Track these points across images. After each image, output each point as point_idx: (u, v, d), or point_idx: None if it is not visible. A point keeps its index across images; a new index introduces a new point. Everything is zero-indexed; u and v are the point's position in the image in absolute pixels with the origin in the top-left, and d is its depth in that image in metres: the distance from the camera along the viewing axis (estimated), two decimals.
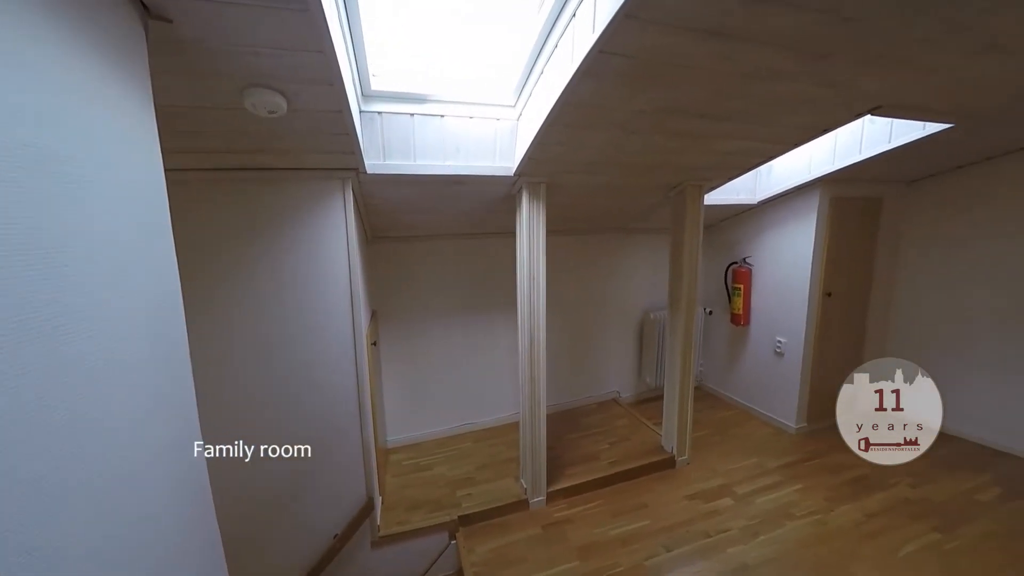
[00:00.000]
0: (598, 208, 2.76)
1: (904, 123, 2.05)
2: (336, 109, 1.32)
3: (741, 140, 1.88)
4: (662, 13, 1.01)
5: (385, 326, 2.83)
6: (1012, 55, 1.32)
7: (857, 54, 1.25)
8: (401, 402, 2.95)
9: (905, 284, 3.03)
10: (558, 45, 1.40)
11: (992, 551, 1.84)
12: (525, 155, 1.81)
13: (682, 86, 1.37)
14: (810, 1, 0.98)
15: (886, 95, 1.56)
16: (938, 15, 1.08)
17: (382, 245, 2.73)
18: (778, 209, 2.95)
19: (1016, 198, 2.47)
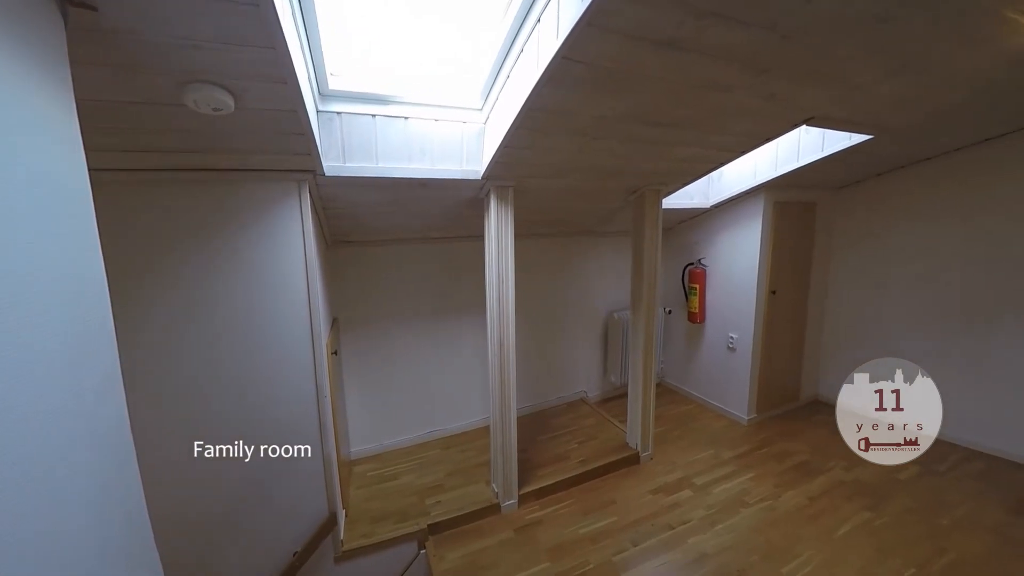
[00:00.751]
0: (564, 211, 2.81)
1: (834, 134, 2.26)
2: (290, 108, 1.25)
3: (694, 147, 1.99)
4: (621, 22, 1.06)
5: (347, 334, 2.72)
6: (920, 75, 1.50)
7: (793, 69, 1.37)
8: (365, 412, 2.85)
9: (836, 280, 3.34)
10: (524, 50, 1.42)
11: (913, 524, 2.07)
12: (492, 159, 1.80)
13: (640, 94, 1.43)
14: (753, 18, 1.07)
15: (817, 108, 1.72)
16: (859, 37, 1.20)
17: (344, 250, 2.63)
18: (729, 213, 3.14)
19: (924, 203, 2.80)
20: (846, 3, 1.04)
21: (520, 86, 1.44)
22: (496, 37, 1.53)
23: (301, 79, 1.20)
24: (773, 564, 1.86)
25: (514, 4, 1.39)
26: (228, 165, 1.55)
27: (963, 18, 1.17)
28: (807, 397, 3.50)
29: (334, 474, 1.93)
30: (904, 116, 1.93)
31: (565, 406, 3.49)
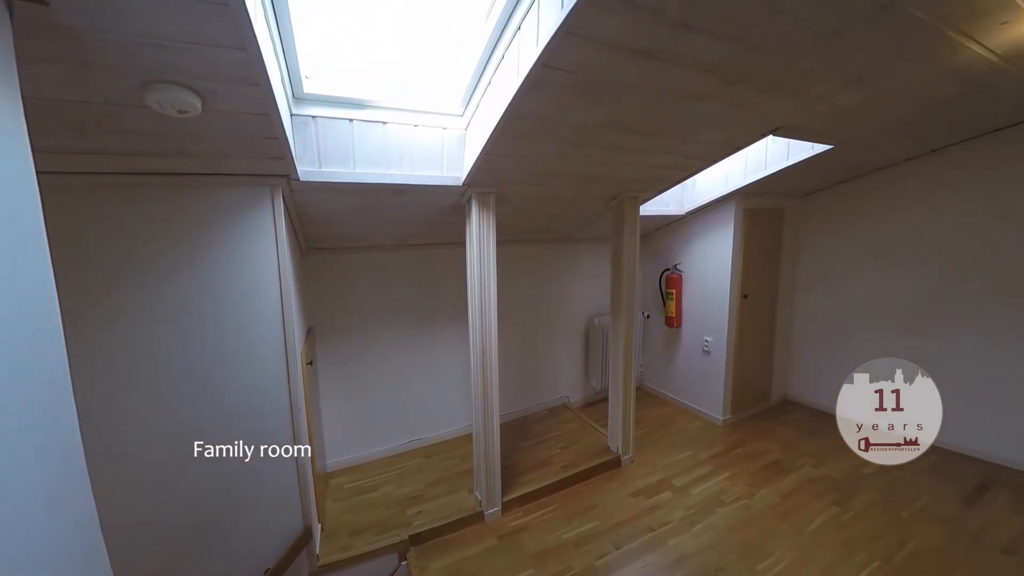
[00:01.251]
0: (545, 218, 2.83)
1: (799, 144, 2.39)
2: (262, 111, 1.21)
3: (669, 155, 2.06)
4: (599, 31, 1.08)
5: (324, 343, 2.64)
6: (874, 88, 1.61)
7: (760, 80, 1.44)
8: (342, 423, 2.76)
9: (802, 284, 3.50)
10: (504, 57, 1.43)
11: (877, 516, 2.17)
12: (474, 165, 1.80)
13: (619, 102, 1.47)
14: (723, 31, 1.12)
15: (783, 118, 1.82)
16: (819, 50, 1.28)
17: (320, 257, 2.56)
18: (702, 220, 3.25)
19: (879, 210, 2.97)
20: (807, 18, 1.10)
21: (501, 93, 1.45)
22: (477, 44, 1.55)
23: (274, 81, 1.17)
24: (749, 562, 1.91)
25: (495, 11, 1.40)
26: (196, 169, 1.49)
27: (909, 35, 1.26)
28: (777, 397, 3.64)
29: (309, 487, 1.86)
30: (860, 127, 2.06)
31: (548, 411, 3.50)
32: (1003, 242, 2.47)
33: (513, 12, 1.33)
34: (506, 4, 1.33)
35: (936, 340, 2.76)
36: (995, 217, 2.50)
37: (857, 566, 1.85)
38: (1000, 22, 1.24)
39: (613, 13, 1.02)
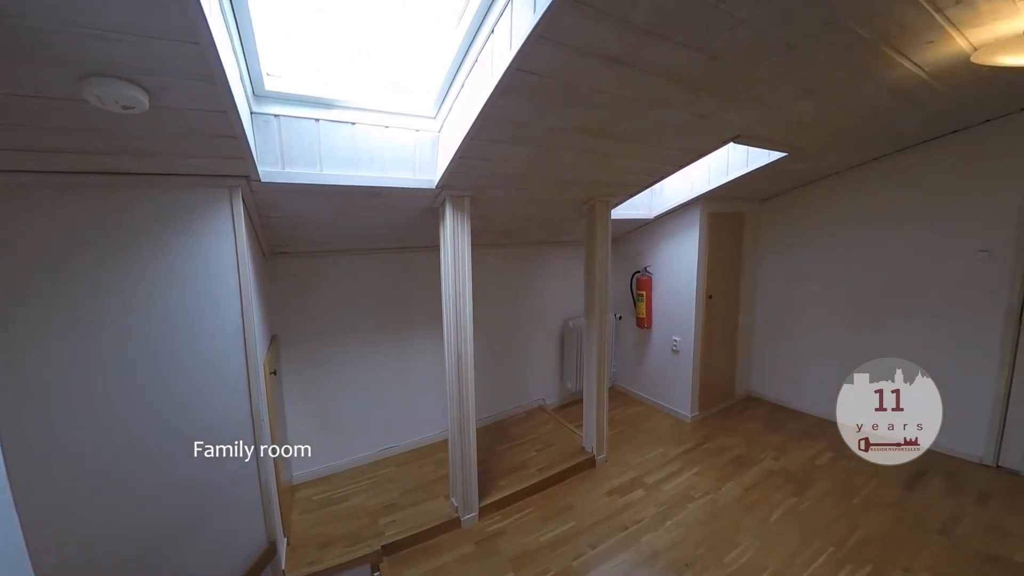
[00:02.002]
0: (521, 221, 2.84)
1: (757, 151, 2.52)
2: (219, 109, 1.15)
3: (637, 160, 2.12)
4: (571, 37, 1.10)
5: (289, 352, 2.53)
6: (822, 99, 1.73)
7: (721, 89, 1.51)
8: (309, 434, 2.65)
9: (762, 284, 3.70)
10: (478, 60, 1.43)
11: (830, 505, 2.32)
12: (448, 168, 1.78)
13: (591, 108, 1.49)
14: (686, 39, 1.17)
15: (742, 126, 1.92)
16: (773, 61, 1.36)
17: (284, 262, 2.45)
18: (670, 223, 3.37)
19: (828, 214, 3.19)
20: (762, 30, 1.17)
21: (475, 96, 1.45)
22: (449, 46, 1.53)
23: (232, 78, 1.10)
24: (717, 555, 1.99)
25: (468, 14, 1.40)
26: (147, 169, 1.39)
27: (851, 50, 1.36)
28: (741, 393, 3.82)
29: (273, 501, 1.78)
30: (810, 136, 2.20)
31: (524, 414, 3.50)
32: (926, 247, 2.72)
33: (486, 15, 1.33)
34: (479, 7, 1.33)
35: (876, 336, 2.99)
36: (921, 223, 2.74)
37: (814, 553, 1.97)
38: (926, 41, 1.35)
39: (584, 18, 1.04)
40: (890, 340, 2.93)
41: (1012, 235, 2.42)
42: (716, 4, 1.03)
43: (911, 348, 2.84)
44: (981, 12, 1.21)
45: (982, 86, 1.85)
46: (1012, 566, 1.83)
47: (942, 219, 2.67)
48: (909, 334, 2.84)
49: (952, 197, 2.62)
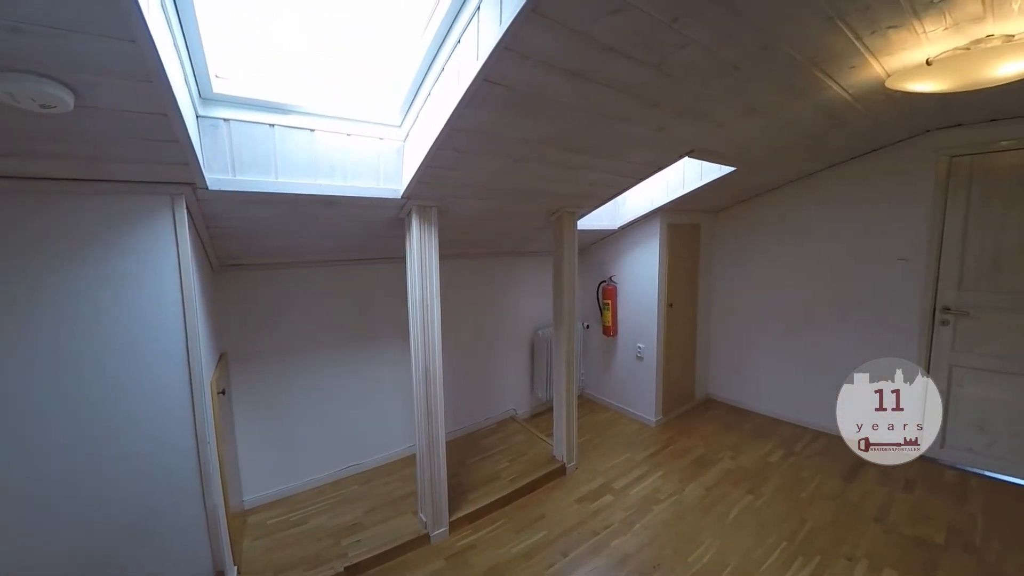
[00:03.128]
0: (489, 232, 2.85)
1: (710, 166, 2.68)
2: (158, 111, 1.07)
3: (602, 172, 2.19)
4: (535, 49, 1.14)
5: (241, 370, 2.38)
6: (765, 117, 1.88)
7: (676, 105, 1.60)
8: (263, 455, 2.49)
9: (716, 292, 3.91)
10: (444, 69, 1.43)
11: (782, 501, 2.45)
12: (414, 178, 1.76)
13: (557, 120, 1.54)
14: (643, 56, 1.23)
15: (695, 141, 2.04)
16: (721, 80, 1.46)
17: (237, 275, 2.31)
18: (633, 234, 3.50)
19: (771, 225, 3.44)
20: (710, 51, 1.26)
21: (442, 105, 1.45)
22: (415, 54, 1.52)
23: (173, 78, 1.03)
24: (682, 556, 2.05)
25: (433, 22, 1.40)
26: (72, 174, 1.27)
27: (787, 72, 1.49)
28: (700, 396, 4.00)
29: (221, 528, 1.64)
30: (755, 152, 2.38)
31: (495, 425, 3.47)
32: (855, 256, 2.99)
33: (453, 24, 1.34)
34: (445, 16, 1.34)
35: (816, 340, 3.24)
36: (849, 234, 3.02)
37: (769, 548, 2.07)
38: (849, 66, 1.51)
39: (548, 32, 1.07)
40: (828, 343, 3.19)
41: (924, 244, 2.72)
42: (669, 24, 1.10)
43: (845, 350, 3.10)
44: (892, 42, 1.36)
45: (895, 109, 2.08)
46: (934, 547, 2.02)
47: (867, 230, 2.96)
48: (843, 337, 3.11)
49: (874, 210, 2.91)
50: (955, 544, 2.03)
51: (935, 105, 2.12)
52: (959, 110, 2.30)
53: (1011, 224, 2.45)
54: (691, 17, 1.09)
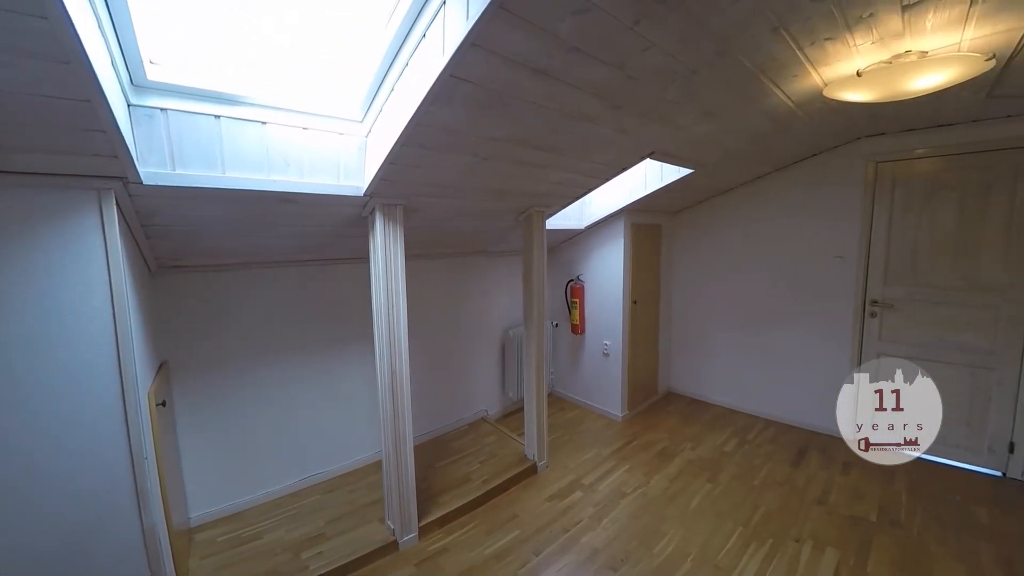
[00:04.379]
0: (458, 231, 2.81)
1: (670, 167, 2.79)
2: (80, 97, 0.97)
3: (568, 172, 2.22)
4: (502, 47, 1.13)
5: (185, 379, 2.20)
6: (719, 121, 1.97)
7: (637, 108, 1.65)
8: (212, 468, 2.32)
9: (676, 289, 4.08)
10: (409, 64, 1.39)
11: (737, 488, 2.59)
12: (377, 175, 1.70)
13: (524, 118, 1.53)
14: (607, 58, 1.26)
15: (656, 143, 2.11)
16: (680, 84, 1.52)
17: (179, 277, 2.14)
18: (599, 234, 3.58)
19: (724, 226, 3.63)
20: (671, 55, 1.30)
21: (406, 101, 1.41)
22: (378, 47, 1.47)
23: (97, 62, 0.94)
24: (648, 547, 2.11)
25: (397, 15, 1.36)
26: None
27: (738, 79, 1.58)
28: (663, 390, 4.16)
29: (162, 548, 1.51)
30: (710, 155, 2.50)
31: (466, 427, 3.43)
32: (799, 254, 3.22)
33: (418, 18, 1.30)
34: (409, 9, 1.30)
35: (767, 333, 3.46)
36: (793, 233, 3.25)
37: (727, 534, 2.18)
38: (792, 75, 1.61)
39: (515, 29, 1.07)
40: (778, 337, 3.41)
41: (856, 242, 2.98)
42: (631, 26, 1.13)
43: (791, 343, 3.34)
44: (828, 53, 1.47)
45: (832, 116, 2.26)
46: (868, 524, 2.21)
47: (810, 230, 3.19)
48: (791, 330, 3.34)
49: (816, 211, 3.14)
50: (885, 520, 2.23)
51: (864, 114, 2.32)
52: (884, 119, 2.53)
53: (924, 225, 2.74)
54: (652, 20, 1.12)
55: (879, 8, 1.20)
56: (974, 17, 1.26)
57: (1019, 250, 2.45)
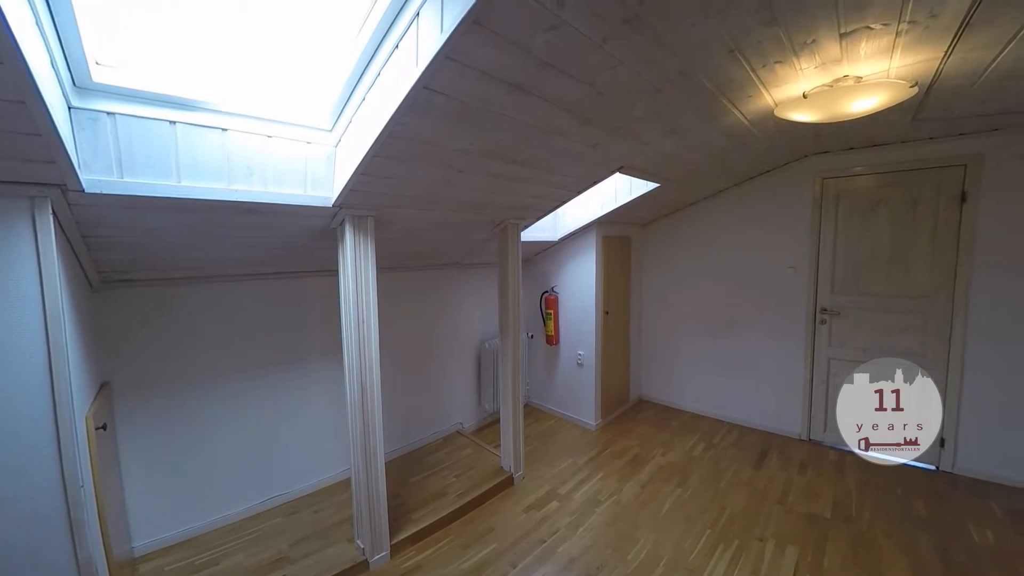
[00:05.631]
0: (431, 243, 2.78)
1: (638, 181, 2.90)
2: (14, 98, 0.90)
3: (542, 185, 2.26)
4: (476, 60, 1.15)
5: (131, 400, 2.05)
6: (682, 138, 2.07)
7: (607, 123, 1.71)
8: (163, 493, 2.16)
9: (646, 300, 4.22)
10: (381, 74, 1.39)
11: (704, 491, 2.67)
12: (347, 186, 1.66)
13: (498, 131, 1.56)
14: (578, 74, 1.31)
15: (625, 158, 2.19)
16: (646, 102, 1.60)
17: (126, 292, 2.00)
18: (572, 245, 3.65)
19: (689, 237, 3.81)
20: (637, 73, 1.37)
21: (378, 111, 1.39)
22: (349, 56, 1.45)
23: (33, 60, 0.88)
24: (622, 554, 2.13)
25: (369, 25, 1.36)
26: None
27: (700, 98, 1.67)
28: (634, 398, 4.25)
29: None
30: (675, 170, 2.63)
31: (441, 440, 3.36)
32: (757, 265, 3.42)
33: (390, 29, 1.31)
34: (381, 20, 1.30)
35: (730, 341, 3.63)
36: (751, 246, 3.45)
37: (696, 537, 2.24)
38: (747, 95, 1.73)
39: (489, 43, 1.09)
40: (740, 344, 3.58)
41: (806, 253, 3.19)
42: (600, 44, 1.18)
43: (751, 350, 3.52)
44: (778, 76, 1.59)
45: (783, 135, 2.43)
46: (824, 521, 2.33)
47: (766, 241, 3.40)
48: (751, 337, 3.52)
49: (771, 224, 3.36)
50: (839, 517, 2.36)
51: (810, 133, 2.52)
52: (827, 138, 2.75)
53: (864, 237, 2.99)
54: (619, 40, 1.18)
55: (821, 35, 1.31)
56: (899, 47, 1.41)
57: (942, 261, 2.72)
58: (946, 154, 2.65)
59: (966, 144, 2.59)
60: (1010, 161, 2.48)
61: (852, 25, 1.26)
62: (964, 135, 2.58)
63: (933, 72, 1.61)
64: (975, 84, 1.75)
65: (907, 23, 1.26)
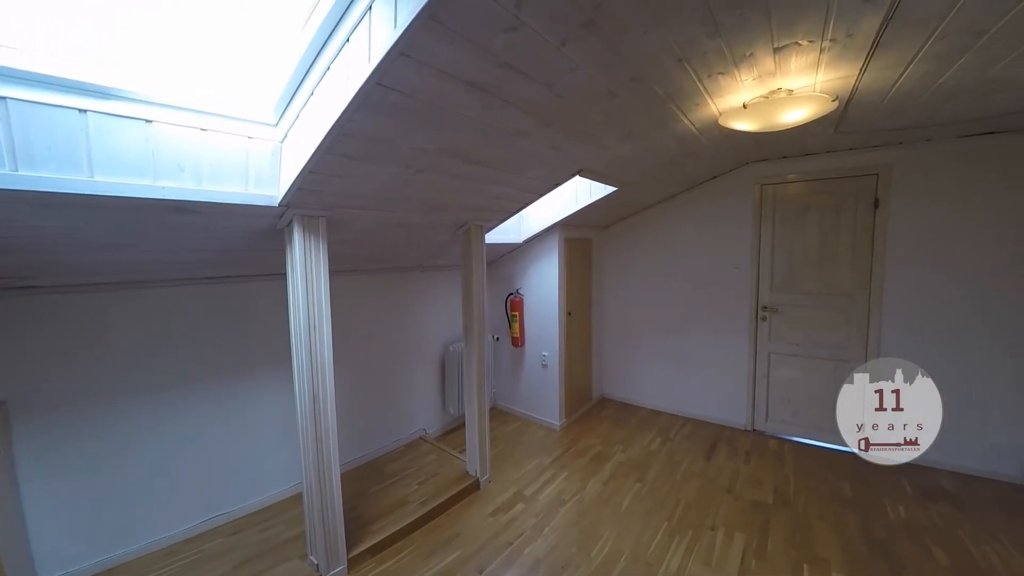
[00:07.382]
0: (391, 245, 2.69)
1: (598, 185, 2.97)
2: None
3: (505, 187, 2.26)
4: (432, 58, 1.12)
5: (33, 420, 1.84)
6: (637, 143, 2.14)
7: (567, 126, 1.73)
8: (74, 519, 1.95)
9: (606, 300, 4.33)
10: (331, 68, 1.32)
11: (661, 484, 2.78)
12: (294, 184, 1.57)
13: (458, 132, 1.53)
14: (537, 75, 1.31)
15: (585, 161, 2.23)
16: (602, 106, 1.63)
17: (25, 300, 1.79)
18: (535, 248, 3.68)
19: (645, 240, 3.97)
20: (593, 77, 1.40)
21: (328, 107, 1.33)
22: (295, 48, 1.37)
23: None
24: (585, 551, 2.16)
25: (316, 17, 1.29)
26: None
27: (652, 104, 1.74)
28: (597, 396, 4.35)
29: None
30: (632, 174, 2.72)
31: (404, 447, 3.25)
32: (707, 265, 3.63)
33: (341, 21, 1.24)
34: (331, 11, 1.23)
35: (685, 339, 3.81)
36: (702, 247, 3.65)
37: (655, 530, 2.31)
38: (695, 103, 1.82)
39: (446, 41, 1.07)
40: (692, 341, 3.77)
41: (749, 254, 3.43)
42: (559, 47, 1.19)
43: (703, 346, 3.71)
44: (721, 86, 1.68)
45: (727, 142, 2.58)
46: (766, 507, 2.49)
47: (715, 243, 3.60)
48: (705, 335, 3.71)
49: (720, 226, 3.56)
50: (779, 502, 2.53)
51: (751, 141, 2.70)
52: (766, 147, 2.96)
53: (797, 239, 3.25)
54: (576, 43, 1.19)
55: (757, 49, 1.41)
56: (823, 63, 1.54)
57: (860, 262, 3.02)
58: (862, 164, 2.95)
59: (878, 155, 2.90)
60: (912, 172, 2.81)
61: (784, 40, 1.36)
62: (876, 147, 2.88)
63: (850, 88, 1.78)
64: (884, 100, 1.95)
65: (829, 40, 1.37)
